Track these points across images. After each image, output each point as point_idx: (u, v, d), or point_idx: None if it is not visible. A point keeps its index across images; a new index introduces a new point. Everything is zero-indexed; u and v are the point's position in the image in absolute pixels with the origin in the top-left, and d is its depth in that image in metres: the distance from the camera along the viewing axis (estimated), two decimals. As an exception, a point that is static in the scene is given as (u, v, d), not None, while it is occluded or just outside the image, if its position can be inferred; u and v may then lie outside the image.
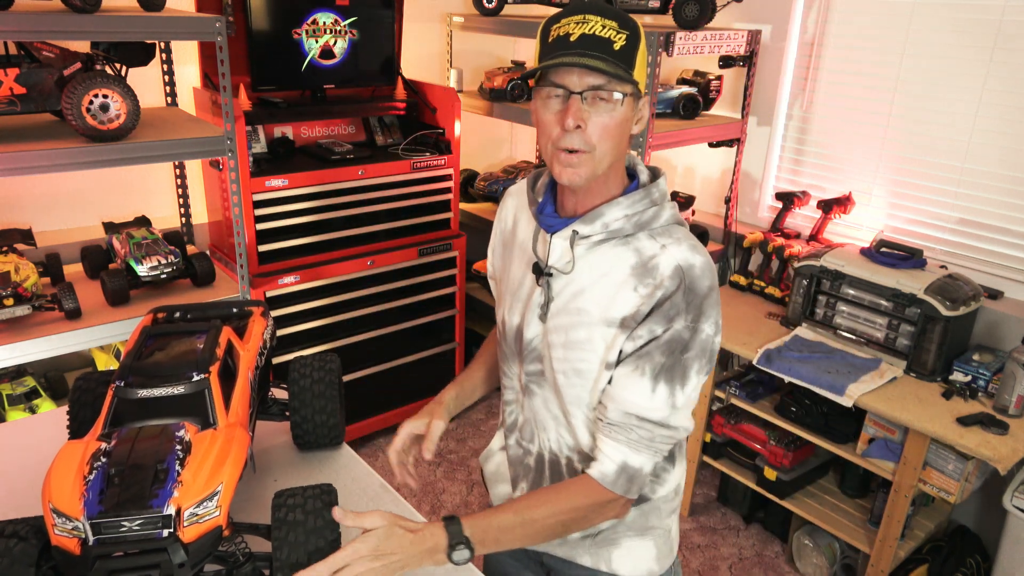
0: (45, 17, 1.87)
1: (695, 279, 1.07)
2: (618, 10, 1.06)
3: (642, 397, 1.08)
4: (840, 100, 2.83)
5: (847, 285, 2.45)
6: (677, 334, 1.06)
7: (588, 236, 1.12)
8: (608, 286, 1.10)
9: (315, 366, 1.33)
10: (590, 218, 1.12)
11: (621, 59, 1.03)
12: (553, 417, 1.22)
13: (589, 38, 1.03)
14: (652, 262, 1.08)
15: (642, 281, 1.08)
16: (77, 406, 1.23)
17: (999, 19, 2.36)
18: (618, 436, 1.10)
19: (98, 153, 2.02)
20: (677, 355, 1.07)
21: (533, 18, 3.24)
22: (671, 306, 1.06)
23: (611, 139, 1.07)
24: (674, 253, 1.08)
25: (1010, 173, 2.42)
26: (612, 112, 1.05)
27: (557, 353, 1.16)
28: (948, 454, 2.11)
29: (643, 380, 1.07)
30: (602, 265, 1.12)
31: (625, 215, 1.11)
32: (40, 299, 2.13)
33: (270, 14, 2.68)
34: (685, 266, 1.07)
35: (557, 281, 1.15)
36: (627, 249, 1.11)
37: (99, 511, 0.89)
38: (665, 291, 1.06)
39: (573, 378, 1.15)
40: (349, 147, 2.90)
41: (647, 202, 1.12)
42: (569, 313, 1.14)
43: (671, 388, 1.08)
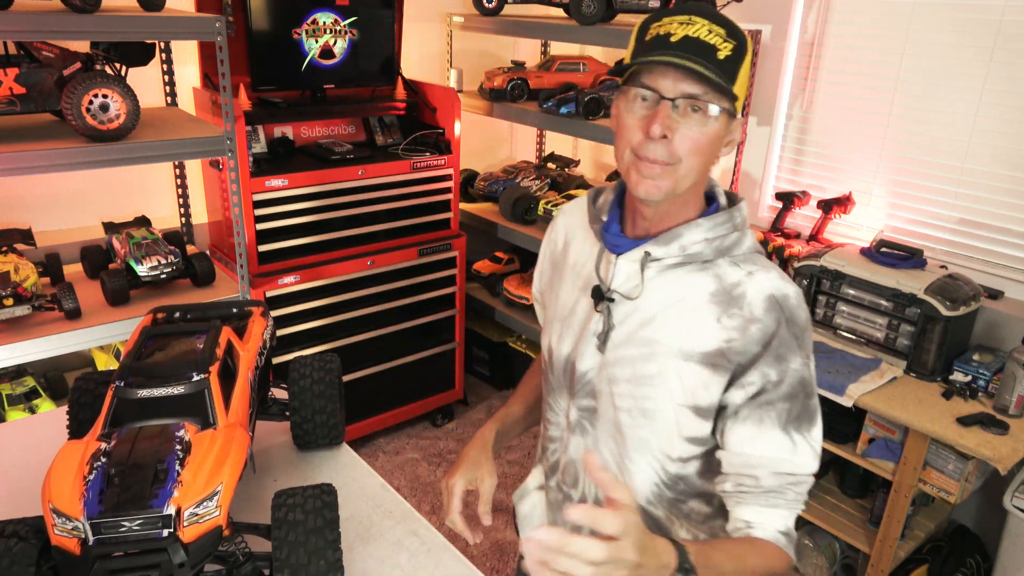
0: (45, 17, 1.87)
1: (793, 310, 0.97)
2: (727, 18, 0.96)
3: (787, 453, 0.97)
4: (840, 100, 2.83)
5: (847, 285, 2.45)
6: (797, 376, 0.96)
7: (661, 259, 1.01)
8: (683, 314, 1.00)
9: (315, 366, 1.33)
10: (666, 239, 1.01)
11: (724, 70, 0.92)
12: (604, 462, 1.10)
13: (693, 41, 0.92)
14: (737, 290, 0.98)
15: (726, 311, 0.98)
16: (77, 406, 1.23)
17: (999, 19, 2.36)
18: (776, 502, 0.98)
19: (98, 153, 2.02)
20: (803, 400, 0.97)
21: (533, 18, 3.24)
22: (779, 344, 0.96)
23: (699, 155, 0.96)
24: (763, 281, 0.98)
25: (1010, 173, 2.42)
26: (704, 126, 0.95)
27: (621, 389, 1.04)
28: (948, 454, 2.11)
29: (776, 433, 0.97)
30: (675, 291, 1.01)
31: (706, 238, 1.01)
32: (40, 299, 2.13)
33: (270, 14, 2.68)
34: (780, 296, 0.97)
35: (620, 307, 1.04)
36: (705, 275, 1.00)
37: (99, 511, 0.89)
38: (763, 327, 0.96)
39: (639, 418, 1.03)
40: (349, 147, 2.90)
41: (729, 226, 1.02)
42: (636, 344, 1.02)
43: (806, 436, 0.98)
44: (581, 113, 2.87)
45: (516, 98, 3.21)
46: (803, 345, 0.98)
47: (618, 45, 2.88)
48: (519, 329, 3.37)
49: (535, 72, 3.28)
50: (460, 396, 3.43)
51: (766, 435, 0.97)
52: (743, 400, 0.97)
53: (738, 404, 0.98)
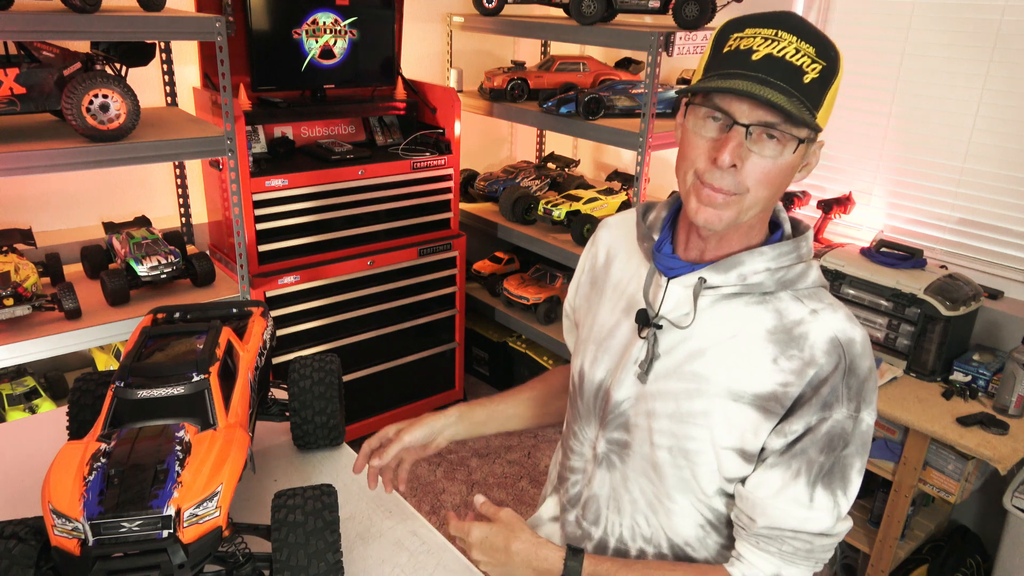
0: (45, 17, 1.87)
1: (856, 357, 0.89)
2: (821, 33, 0.86)
3: (799, 507, 0.89)
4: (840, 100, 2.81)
5: (847, 285, 2.45)
6: (838, 426, 0.88)
7: (718, 287, 0.93)
8: (737, 350, 0.92)
9: (315, 366, 1.33)
10: (725, 266, 0.93)
11: (809, 95, 0.84)
12: (633, 501, 1.02)
13: (776, 61, 0.83)
14: (799, 329, 0.90)
15: (784, 352, 0.90)
16: (77, 406, 1.23)
17: (999, 19, 2.36)
18: (769, 548, 0.92)
19: (98, 153, 2.02)
20: (838, 453, 0.89)
21: (533, 18, 3.24)
22: (830, 391, 0.88)
23: (769, 187, 0.88)
24: (829, 322, 0.90)
25: (1010, 173, 2.42)
26: (779, 158, 0.86)
27: (661, 425, 0.96)
28: (948, 454, 2.11)
29: (797, 486, 0.89)
30: (731, 324, 0.93)
31: (768, 268, 0.92)
32: (40, 299, 2.13)
33: (270, 14, 2.67)
34: (844, 340, 0.89)
35: (667, 335, 0.96)
36: (764, 309, 0.92)
37: (99, 512, 0.89)
38: (819, 370, 0.88)
39: (679, 458, 0.95)
40: (349, 147, 2.90)
41: (795, 256, 0.94)
42: (683, 378, 0.94)
43: (832, 494, 0.90)
44: (581, 113, 2.87)
45: (516, 98, 3.21)
46: (856, 397, 0.89)
47: (618, 45, 2.88)
48: (519, 329, 3.37)
49: (535, 72, 3.28)
50: (460, 396, 3.43)
51: (784, 483, 0.90)
52: (780, 447, 0.90)
53: (774, 450, 0.91)
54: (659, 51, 2.52)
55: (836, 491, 0.90)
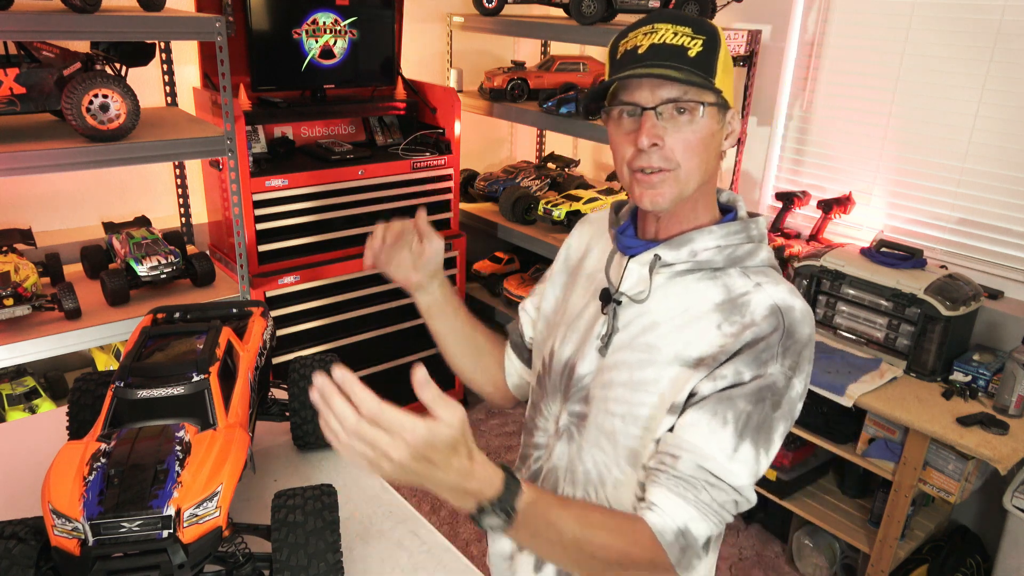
0: (45, 17, 1.87)
1: (795, 323, 0.94)
2: (692, 16, 0.96)
3: (723, 453, 0.91)
4: (840, 100, 2.83)
5: (847, 285, 2.45)
6: (771, 381, 0.92)
7: (671, 264, 1.00)
8: (686, 321, 0.97)
9: (315, 366, 1.33)
10: (677, 243, 1.00)
11: (698, 66, 0.92)
12: (586, 471, 1.05)
13: (660, 48, 0.92)
14: (743, 299, 0.96)
15: (728, 318, 0.96)
16: (77, 406, 1.23)
17: (999, 19, 2.36)
18: (685, 493, 0.92)
19: (98, 153, 2.02)
20: (767, 409, 0.92)
21: (533, 18, 3.24)
22: (765, 347, 0.93)
23: (695, 155, 0.95)
24: (771, 292, 0.96)
25: (1010, 173, 2.42)
26: (693, 125, 0.94)
27: (616, 393, 1.00)
28: (948, 454, 2.11)
29: (725, 432, 0.91)
30: (683, 299, 0.99)
31: (718, 246, 0.99)
32: (40, 299, 2.13)
33: (270, 14, 2.67)
34: (784, 307, 0.95)
35: (626, 311, 1.02)
36: (714, 284, 0.99)
37: (99, 512, 0.89)
38: (758, 331, 0.93)
39: (631, 425, 0.99)
40: (349, 147, 2.90)
41: (743, 236, 1.01)
42: (636, 349, 1.00)
43: (756, 450, 0.92)
44: (581, 113, 2.86)
45: (516, 98, 3.21)
46: (790, 357, 0.93)
47: (618, 45, 2.88)
48: (519, 329, 3.36)
49: (535, 72, 3.28)
50: (460, 396, 3.43)
51: (713, 427, 0.92)
52: (710, 391, 0.93)
53: (703, 394, 0.94)
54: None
55: (759, 448, 0.93)
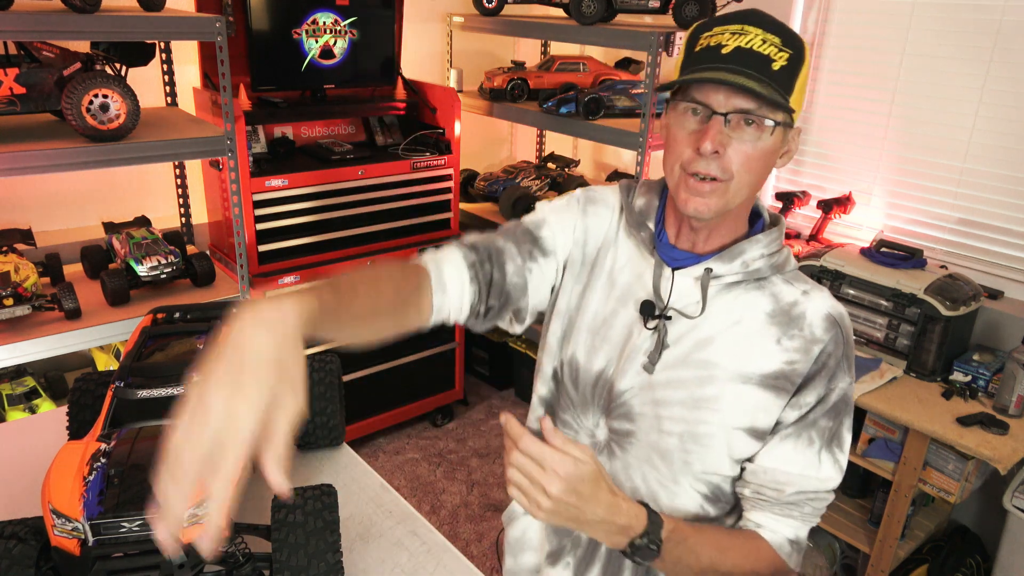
0: (45, 17, 1.87)
1: (848, 330, 0.98)
2: (783, 24, 0.91)
3: (815, 471, 0.97)
4: (840, 100, 2.83)
5: (847, 285, 2.45)
6: (842, 393, 0.97)
7: (721, 276, 0.98)
8: (742, 335, 0.97)
9: (315, 366, 1.33)
10: (729, 255, 0.98)
11: (779, 81, 0.89)
12: (634, 488, 1.04)
13: (745, 53, 0.88)
14: (796, 310, 0.97)
15: (786, 332, 0.96)
16: (77, 406, 1.23)
17: (999, 19, 2.36)
18: (791, 512, 0.99)
19: (98, 153, 2.02)
20: (842, 418, 0.98)
21: (533, 18, 3.24)
22: (834, 361, 0.96)
23: (752, 171, 0.92)
24: (820, 301, 0.98)
25: (1010, 173, 2.42)
26: (758, 141, 0.91)
27: (672, 412, 0.98)
28: (948, 454, 2.11)
29: (811, 452, 0.97)
30: (734, 310, 0.98)
31: (763, 255, 0.98)
32: (40, 299, 2.13)
33: (270, 14, 2.67)
34: (837, 316, 0.97)
35: (675, 326, 0.99)
36: (761, 294, 0.98)
37: (99, 512, 0.89)
38: (824, 346, 0.96)
39: (689, 443, 0.98)
40: (349, 147, 2.90)
41: (780, 242, 1.01)
42: (693, 366, 0.98)
43: (834, 454, 0.98)
44: (581, 113, 2.86)
45: (516, 98, 3.21)
46: (852, 365, 0.99)
47: (618, 45, 2.88)
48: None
49: (535, 72, 3.28)
50: (460, 396, 3.43)
51: (802, 454, 0.97)
52: (795, 419, 0.97)
53: (788, 423, 0.97)
54: (659, 51, 2.52)
55: (835, 451, 0.98)
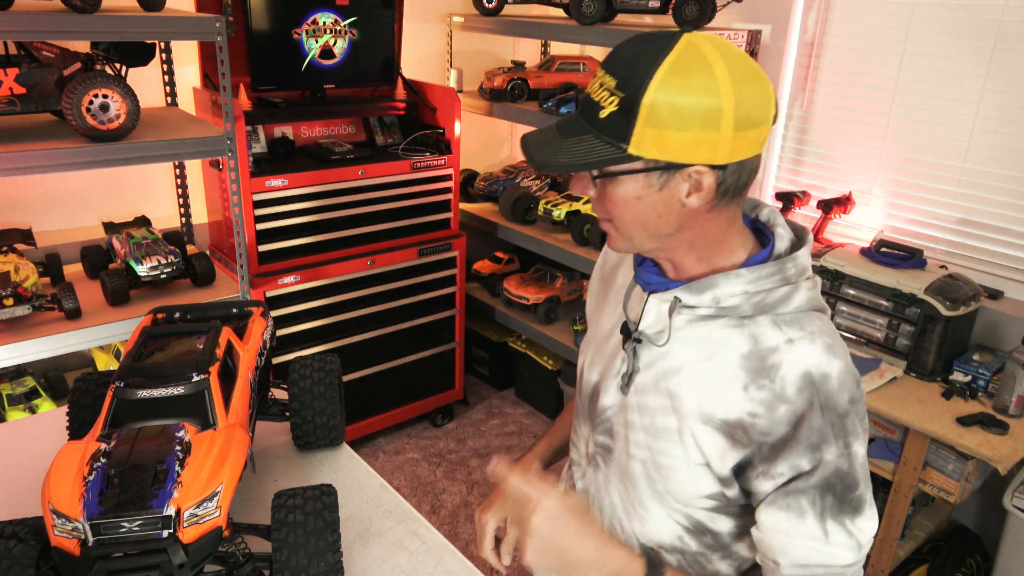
0: (45, 17, 1.87)
1: (832, 394, 0.84)
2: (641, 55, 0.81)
3: (815, 544, 0.86)
4: (840, 100, 2.83)
5: (847, 285, 2.45)
6: (832, 468, 0.84)
7: (694, 307, 0.90)
8: (710, 374, 0.89)
9: (315, 366, 1.33)
10: (699, 287, 0.89)
11: (607, 131, 0.82)
12: (612, 504, 1.03)
13: (587, 101, 0.84)
14: (772, 358, 0.86)
15: (755, 380, 0.86)
16: (77, 406, 1.23)
17: (999, 19, 2.36)
18: None
19: (98, 153, 2.02)
20: (841, 493, 0.85)
21: (533, 18, 3.24)
22: (810, 432, 0.84)
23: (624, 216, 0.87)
24: (803, 354, 0.85)
25: (1010, 173, 2.42)
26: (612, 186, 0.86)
27: (637, 437, 0.96)
28: (948, 454, 2.11)
29: (805, 523, 0.86)
30: (706, 346, 0.90)
31: (745, 291, 0.88)
32: (40, 299, 2.13)
33: (270, 14, 2.67)
34: (817, 376, 0.84)
35: (647, 351, 0.95)
36: (740, 333, 0.88)
37: (99, 512, 0.89)
38: (792, 407, 0.84)
39: (652, 471, 0.95)
40: (349, 147, 2.90)
41: (778, 279, 0.88)
42: (659, 394, 0.93)
43: (844, 527, 0.86)
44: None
45: (516, 98, 3.21)
46: (842, 433, 0.85)
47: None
48: (519, 329, 3.37)
49: (535, 72, 3.28)
50: (460, 396, 3.43)
51: (794, 525, 0.87)
52: (772, 489, 0.87)
53: (766, 492, 0.88)
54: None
55: (846, 522, 0.86)
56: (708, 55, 0.79)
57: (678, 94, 0.78)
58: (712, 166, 0.82)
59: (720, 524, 0.97)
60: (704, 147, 0.80)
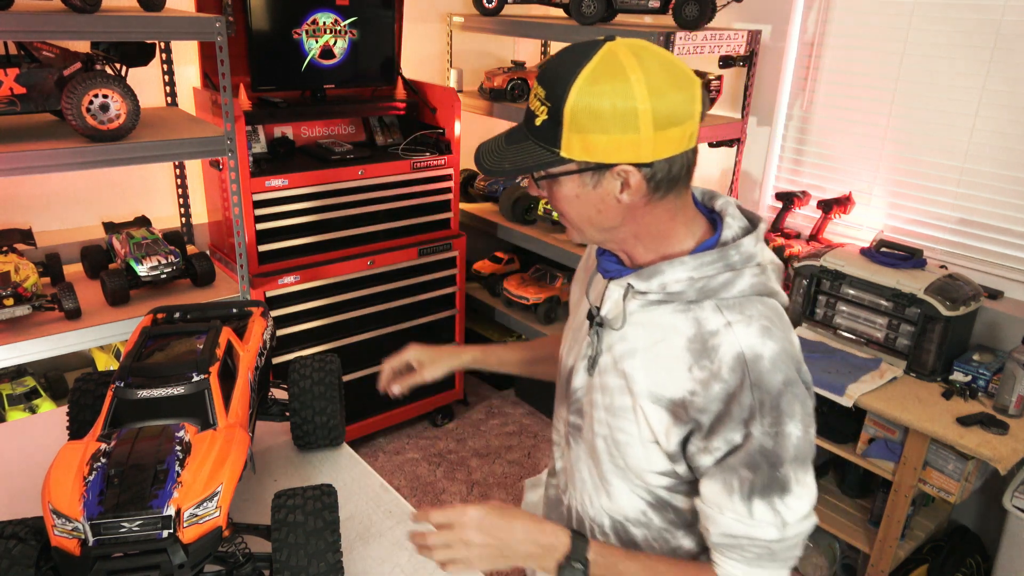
0: (45, 17, 1.87)
1: (763, 373, 0.88)
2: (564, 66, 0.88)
3: (739, 520, 0.91)
4: (840, 100, 2.83)
5: (847, 285, 2.45)
6: (758, 445, 0.89)
7: (645, 293, 0.96)
8: (660, 356, 0.95)
9: (315, 366, 1.33)
10: (647, 274, 0.96)
11: (542, 137, 0.90)
12: (582, 480, 1.10)
13: (526, 111, 0.94)
14: (713, 340, 0.91)
15: (698, 362, 0.91)
16: (77, 406, 1.23)
17: (999, 19, 2.36)
18: (731, 555, 0.94)
19: (98, 153, 2.02)
20: (767, 471, 0.89)
21: (533, 18, 3.24)
22: (739, 408, 0.88)
23: (570, 212, 0.96)
24: (739, 336, 0.90)
25: (1010, 173, 2.42)
26: (555, 187, 0.94)
27: (599, 415, 1.02)
28: (948, 454, 2.11)
29: (733, 500, 0.91)
30: (657, 330, 0.96)
31: (689, 277, 0.93)
32: (40, 299, 2.13)
33: (270, 14, 2.67)
34: (750, 357, 0.89)
35: (608, 335, 1.02)
36: (686, 317, 0.94)
37: (99, 512, 0.89)
38: (726, 386, 0.89)
39: (612, 447, 1.02)
40: (349, 147, 2.90)
41: (720, 266, 0.93)
42: (616, 375, 1.00)
43: (771, 507, 0.90)
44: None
45: (516, 98, 3.21)
46: (772, 411, 0.88)
47: (618, 45, 2.88)
48: (519, 329, 3.37)
49: (535, 72, 3.28)
50: (460, 396, 3.43)
51: (723, 498, 0.92)
52: (710, 463, 0.93)
53: (707, 466, 0.93)
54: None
55: (774, 501, 0.90)
56: (624, 61, 0.85)
57: (595, 100, 0.85)
58: (638, 165, 0.89)
59: (679, 501, 1.03)
60: (626, 147, 0.87)
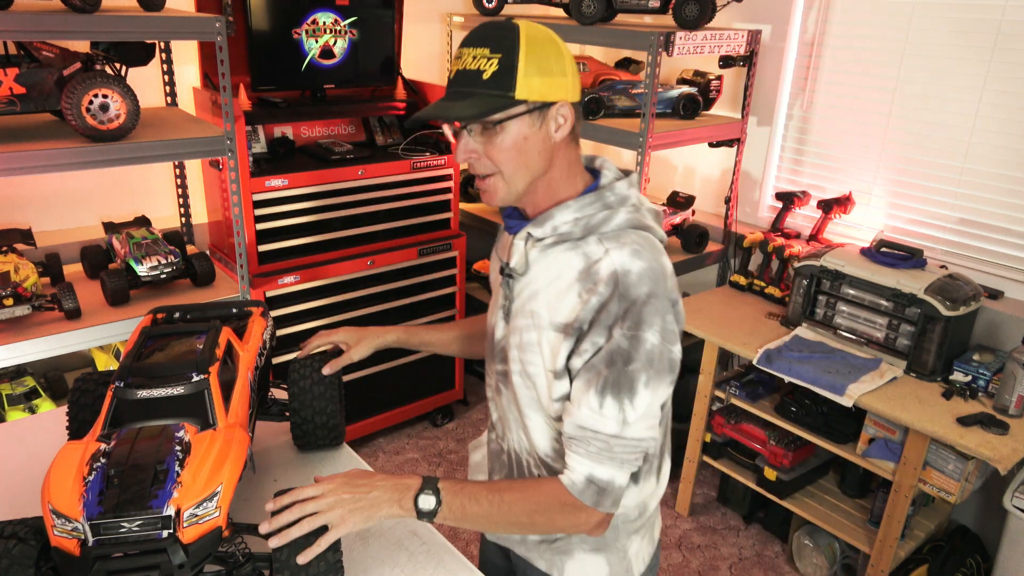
0: (45, 17, 1.86)
1: (629, 285, 1.03)
2: (496, 30, 1.04)
3: (590, 411, 1.05)
4: (840, 100, 2.83)
5: (847, 285, 2.45)
6: (616, 345, 1.03)
7: (541, 239, 1.12)
8: (557, 290, 1.10)
9: (315, 366, 1.33)
10: (540, 220, 1.12)
11: (495, 86, 1.02)
12: (514, 419, 1.23)
13: (462, 74, 1.05)
14: (595, 267, 1.06)
15: (585, 286, 1.07)
16: (77, 406, 1.23)
17: (999, 19, 2.36)
18: (578, 449, 1.08)
19: (98, 153, 2.02)
20: (620, 367, 1.03)
21: (533, 18, 3.24)
22: (607, 315, 1.04)
23: (512, 160, 1.07)
24: (614, 258, 1.05)
25: (1010, 173, 2.42)
26: (501, 135, 1.06)
27: (515, 354, 1.17)
28: (948, 454, 2.11)
29: (590, 394, 1.05)
30: (553, 269, 1.11)
31: (574, 218, 1.10)
32: (40, 299, 2.13)
33: (270, 14, 2.67)
34: (620, 272, 1.04)
35: (517, 283, 1.17)
36: (576, 253, 1.09)
37: (98, 512, 0.89)
38: (600, 298, 1.04)
39: (526, 380, 1.16)
40: (349, 147, 2.90)
41: (599, 205, 1.11)
42: (524, 315, 1.14)
43: (619, 402, 1.04)
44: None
45: (516, 98, 3.21)
46: (632, 317, 1.03)
47: (618, 45, 2.88)
48: (519, 329, 3.36)
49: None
50: (460, 396, 3.43)
51: (581, 392, 1.07)
52: (580, 365, 1.07)
53: (577, 368, 1.08)
54: (659, 51, 2.52)
55: (623, 399, 1.04)
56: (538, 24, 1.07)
57: (539, 47, 1.04)
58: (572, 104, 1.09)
59: None
60: (561, 87, 1.06)
